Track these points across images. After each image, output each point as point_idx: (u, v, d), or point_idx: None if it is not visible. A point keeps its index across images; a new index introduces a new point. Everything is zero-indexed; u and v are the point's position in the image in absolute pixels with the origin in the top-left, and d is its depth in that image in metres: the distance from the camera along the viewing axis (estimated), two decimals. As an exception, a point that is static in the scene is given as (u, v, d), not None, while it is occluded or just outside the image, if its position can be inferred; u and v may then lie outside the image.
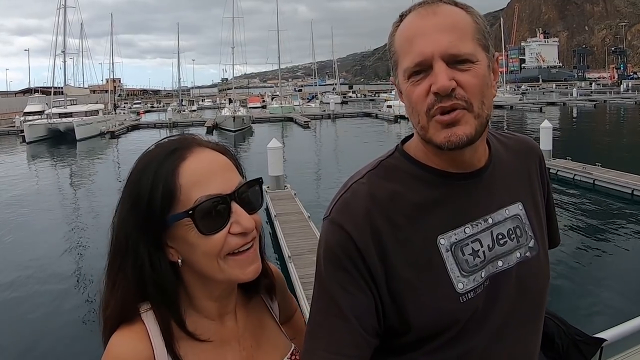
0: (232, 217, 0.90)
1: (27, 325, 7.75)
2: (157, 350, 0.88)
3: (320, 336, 0.95)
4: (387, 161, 1.04)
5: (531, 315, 1.05)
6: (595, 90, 76.87)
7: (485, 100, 0.94)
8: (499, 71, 1.02)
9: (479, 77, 0.92)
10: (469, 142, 0.93)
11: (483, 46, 0.94)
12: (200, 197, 0.87)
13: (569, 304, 7.39)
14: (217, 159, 0.94)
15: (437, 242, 0.97)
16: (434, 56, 0.90)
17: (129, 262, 0.90)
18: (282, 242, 9.18)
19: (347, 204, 0.98)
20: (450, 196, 0.99)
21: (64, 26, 43.46)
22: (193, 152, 0.92)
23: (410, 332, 0.95)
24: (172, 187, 0.87)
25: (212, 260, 0.90)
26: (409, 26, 0.95)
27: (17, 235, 13.07)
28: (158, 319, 0.90)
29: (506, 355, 1.00)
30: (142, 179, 0.90)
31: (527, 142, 1.18)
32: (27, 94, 68.64)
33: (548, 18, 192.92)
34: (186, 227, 0.88)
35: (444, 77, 0.89)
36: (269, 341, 1.06)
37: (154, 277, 0.90)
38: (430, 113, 0.92)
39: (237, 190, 0.91)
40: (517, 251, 1.04)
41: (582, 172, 15.21)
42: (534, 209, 1.10)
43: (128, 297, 0.91)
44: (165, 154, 0.91)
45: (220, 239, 0.89)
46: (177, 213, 0.87)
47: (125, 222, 0.90)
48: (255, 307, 1.08)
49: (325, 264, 0.97)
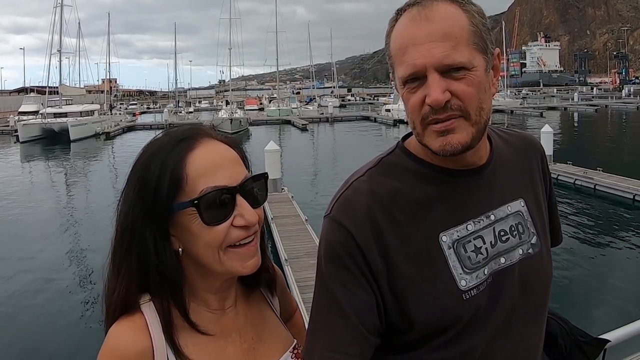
0: (236, 210, 0.91)
1: (22, 326, 7.72)
2: (155, 341, 0.89)
3: (321, 334, 0.95)
4: (387, 158, 1.04)
5: (534, 312, 1.04)
6: (596, 95, 77.16)
7: (484, 105, 0.93)
8: (500, 70, 0.99)
9: (475, 84, 0.90)
10: (464, 150, 0.92)
11: (480, 49, 0.92)
12: (205, 187, 0.88)
13: (572, 305, 7.38)
14: (225, 152, 0.94)
15: (439, 239, 0.96)
16: (427, 67, 0.89)
17: (134, 250, 0.91)
18: (278, 245, 9.10)
19: (348, 201, 0.97)
20: (451, 193, 0.99)
21: (60, 25, 43.62)
22: (202, 142, 0.92)
23: (412, 330, 0.95)
24: (179, 176, 0.88)
25: (213, 251, 0.91)
26: (403, 33, 0.93)
27: (9, 236, 12.91)
28: (158, 309, 0.91)
29: (509, 352, 0.99)
30: (150, 165, 0.90)
31: (529, 138, 1.17)
32: (22, 94, 68.55)
33: (549, 22, 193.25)
34: (190, 216, 0.89)
35: (437, 91, 0.88)
36: (270, 334, 1.05)
37: (158, 265, 0.90)
38: (426, 122, 0.92)
39: (242, 183, 0.92)
40: (520, 248, 1.03)
41: (583, 177, 15.12)
42: (535, 205, 1.09)
43: (132, 285, 0.91)
44: (174, 142, 0.92)
45: (223, 230, 0.90)
46: (182, 201, 0.88)
47: (132, 208, 0.91)
48: (256, 301, 1.07)
49: (326, 262, 0.96)
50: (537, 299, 1.04)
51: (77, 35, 52.75)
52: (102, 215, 12.64)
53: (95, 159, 29.78)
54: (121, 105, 71.02)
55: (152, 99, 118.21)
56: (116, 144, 36.83)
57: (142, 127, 46.96)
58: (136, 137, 39.41)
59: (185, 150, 0.90)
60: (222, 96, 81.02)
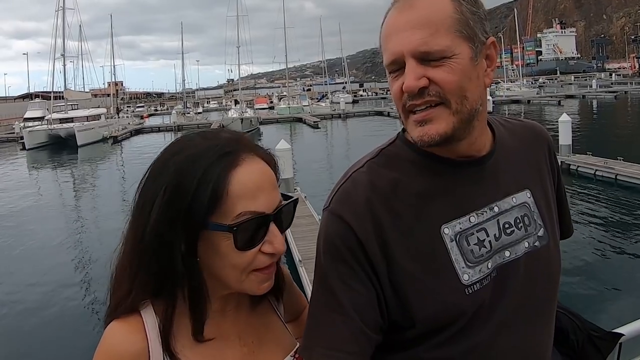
0: (268, 237, 0.90)
1: (29, 333, 7.77)
2: (152, 343, 0.88)
3: (319, 332, 0.93)
4: (388, 149, 1.02)
5: (541, 308, 1.01)
6: (615, 82, 76.11)
7: (468, 94, 0.90)
8: (496, 59, 0.98)
9: (457, 72, 0.88)
10: (443, 140, 0.91)
11: (465, 37, 0.90)
12: (244, 211, 0.86)
13: (586, 300, 7.24)
14: (266, 173, 0.92)
15: (441, 232, 0.94)
16: (405, 54, 0.89)
17: (157, 257, 0.87)
18: (292, 246, 8.85)
19: (347, 193, 0.96)
20: (453, 184, 0.96)
21: (63, 29, 42.87)
22: (245, 160, 0.90)
23: (413, 326, 0.93)
24: (220, 193, 0.85)
25: (237, 273, 0.90)
26: (388, 21, 0.94)
27: (18, 246, 12.69)
28: (159, 313, 0.90)
29: (516, 349, 0.96)
30: (188, 173, 0.86)
31: (535, 127, 1.13)
32: (26, 99, 68.01)
33: (564, 7, 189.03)
34: (222, 237, 0.87)
35: (411, 77, 0.88)
36: (272, 338, 1.03)
37: (184, 276, 0.88)
38: (406, 109, 0.92)
39: (277, 209, 0.91)
40: (525, 241, 1.00)
41: (603, 168, 14.55)
42: (543, 197, 1.06)
43: (147, 288, 0.90)
44: (218, 154, 0.88)
45: (251, 256, 0.89)
46: (218, 223, 0.86)
47: (160, 215, 0.86)
48: (259, 304, 1.05)
49: (325, 256, 0.94)
50: (544, 293, 1.00)
51: (80, 38, 52.09)
52: (113, 222, 12.59)
53: (103, 165, 29.33)
54: (128, 108, 70.81)
55: (160, 100, 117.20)
56: (124, 148, 36.37)
57: (150, 130, 46.54)
58: (144, 140, 38.96)
59: (230, 166, 0.86)
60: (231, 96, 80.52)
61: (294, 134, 37.16)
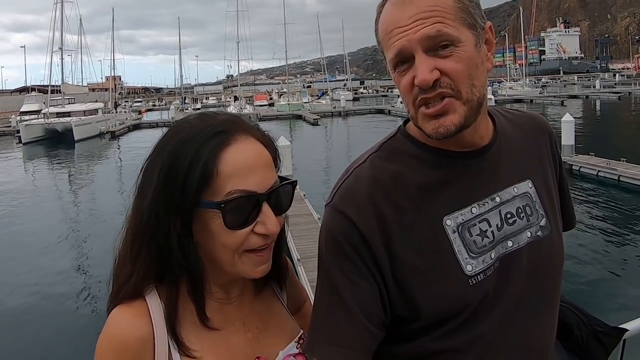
0: (260, 217, 0.89)
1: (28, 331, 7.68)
2: (157, 328, 0.88)
3: (322, 328, 0.93)
4: (389, 143, 1.02)
5: (545, 298, 1.01)
6: (619, 82, 75.71)
7: (476, 81, 0.91)
8: (494, 44, 0.98)
9: (464, 60, 0.88)
10: (458, 130, 0.90)
11: (468, 24, 0.90)
12: (234, 189, 0.86)
13: (590, 295, 7.30)
14: (259, 153, 0.92)
15: (443, 224, 0.94)
16: (413, 47, 0.88)
17: (156, 239, 0.88)
18: (291, 245, 8.72)
19: (350, 189, 0.96)
20: (454, 176, 0.97)
21: (61, 22, 42.68)
22: (238, 139, 0.90)
23: (418, 319, 0.93)
24: (209, 171, 0.86)
25: (228, 253, 0.90)
26: (388, 17, 0.92)
27: (14, 241, 12.62)
28: (163, 298, 0.90)
29: (519, 339, 0.96)
30: (181, 154, 0.87)
31: (537, 118, 1.14)
32: (23, 93, 67.29)
33: (568, 7, 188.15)
34: (212, 215, 0.87)
35: (424, 71, 0.87)
36: (276, 324, 1.04)
37: (180, 258, 0.89)
38: (417, 104, 0.91)
39: (271, 190, 0.91)
40: (528, 230, 1.00)
41: (606, 168, 14.59)
42: (545, 187, 1.06)
43: (149, 272, 0.90)
44: (209, 134, 0.88)
45: (242, 236, 0.89)
46: (208, 200, 0.86)
47: (156, 196, 0.88)
48: (263, 291, 1.06)
49: (328, 253, 0.94)
50: (547, 283, 1.00)
51: (79, 32, 51.62)
52: (110, 218, 12.62)
53: (100, 160, 29.11)
54: (126, 103, 70.26)
55: (158, 96, 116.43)
56: (122, 143, 36.05)
57: (149, 125, 46.05)
58: (142, 135, 38.49)
59: (221, 145, 0.87)
60: (230, 92, 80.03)
61: (294, 131, 36.77)
